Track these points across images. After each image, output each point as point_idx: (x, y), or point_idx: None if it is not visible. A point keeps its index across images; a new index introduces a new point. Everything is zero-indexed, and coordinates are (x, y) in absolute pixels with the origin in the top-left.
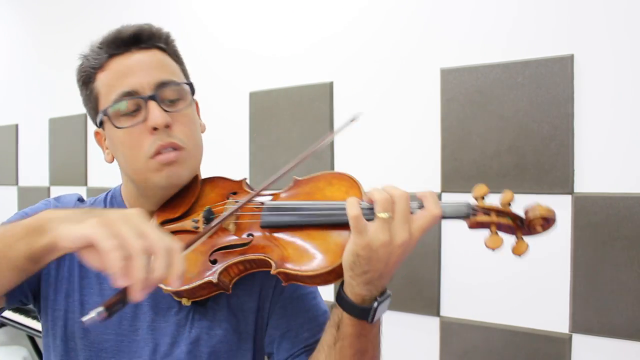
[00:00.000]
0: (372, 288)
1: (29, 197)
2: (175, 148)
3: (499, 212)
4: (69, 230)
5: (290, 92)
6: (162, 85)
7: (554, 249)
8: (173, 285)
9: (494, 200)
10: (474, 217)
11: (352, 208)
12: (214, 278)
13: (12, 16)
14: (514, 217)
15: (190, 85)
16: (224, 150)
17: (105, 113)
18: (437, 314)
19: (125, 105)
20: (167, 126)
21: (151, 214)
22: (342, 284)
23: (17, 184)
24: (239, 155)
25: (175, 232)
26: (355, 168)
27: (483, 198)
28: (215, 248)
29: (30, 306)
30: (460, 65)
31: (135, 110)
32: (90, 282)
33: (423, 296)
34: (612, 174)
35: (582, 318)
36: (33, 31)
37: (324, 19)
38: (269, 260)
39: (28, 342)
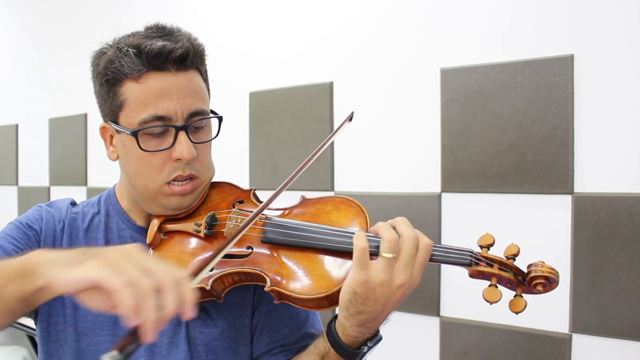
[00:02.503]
0: (365, 330)
1: (29, 197)
2: (192, 178)
3: (502, 265)
4: (65, 273)
5: (290, 92)
6: (194, 114)
7: (554, 249)
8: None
9: (499, 249)
10: (476, 267)
11: (360, 240)
12: (207, 285)
13: (12, 16)
14: (517, 272)
15: (220, 118)
16: (224, 150)
17: (134, 134)
18: (437, 314)
19: (157, 128)
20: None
21: (150, 215)
22: (334, 318)
23: (17, 184)
24: (239, 155)
25: (175, 233)
26: (355, 168)
27: (488, 248)
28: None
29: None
30: (460, 65)
31: (162, 133)
32: None
33: (423, 296)
34: (612, 174)
35: (582, 318)
36: (33, 31)
37: (323, 19)
38: (265, 276)
39: (28, 342)
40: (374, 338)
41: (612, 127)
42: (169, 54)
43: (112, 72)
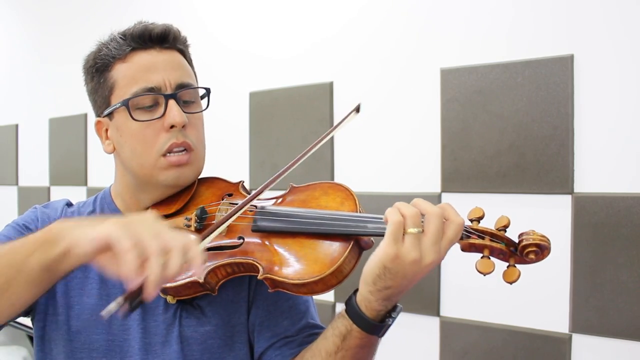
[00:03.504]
0: (389, 303)
1: (29, 197)
2: (187, 149)
3: (493, 236)
4: (84, 234)
5: (290, 92)
6: (182, 86)
7: (554, 248)
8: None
9: (489, 223)
10: (467, 239)
11: (394, 214)
12: (200, 278)
13: (12, 16)
14: (508, 243)
15: (207, 90)
16: (224, 150)
17: (125, 103)
18: (437, 314)
19: (147, 99)
20: (183, 126)
21: (145, 209)
22: (354, 296)
23: (17, 184)
24: (238, 155)
25: None
26: (355, 168)
27: (478, 221)
28: (205, 248)
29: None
30: (460, 65)
31: (152, 106)
32: (77, 284)
33: (423, 296)
34: (612, 174)
35: (582, 318)
36: (33, 31)
37: (323, 19)
38: (257, 264)
39: (28, 342)
40: (395, 309)
41: (612, 127)
42: (151, 32)
43: (100, 60)
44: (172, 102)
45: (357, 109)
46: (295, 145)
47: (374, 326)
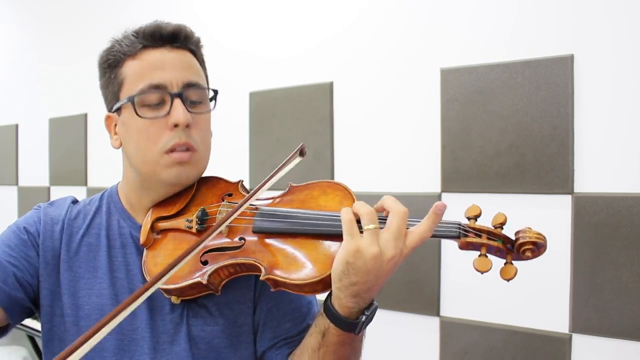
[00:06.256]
0: (360, 300)
1: (29, 197)
2: (189, 149)
3: (490, 234)
4: None
5: (290, 92)
6: (189, 85)
7: (554, 249)
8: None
9: (486, 220)
10: (464, 238)
11: (346, 213)
12: (203, 279)
13: (12, 16)
14: (505, 240)
15: (215, 92)
16: (224, 150)
17: (131, 100)
18: (437, 314)
19: (153, 96)
20: (187, 126)
21: (147, 209)
22: (329, 294)
23: (17, 184)
24: (239, 155)
25: (168, 230)
26: (355, 168)
27: (475, 219)
28: (207, 249)
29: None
30: (460, 65)
31: (159, 104)
32: (85, 284)
33: (423, 296)
34: (612, 174)
35: (582, 318)
36: (33, 31)
37: (324, 20)
38: (259, 265)
39: (28, 342)
40: (370, 307)
41: (612, 127)
42: (162, 30)
43: (112, 56)
44: (177, 101)
45: (301, 152)
46: (295, 145)
47: (347, 323)
